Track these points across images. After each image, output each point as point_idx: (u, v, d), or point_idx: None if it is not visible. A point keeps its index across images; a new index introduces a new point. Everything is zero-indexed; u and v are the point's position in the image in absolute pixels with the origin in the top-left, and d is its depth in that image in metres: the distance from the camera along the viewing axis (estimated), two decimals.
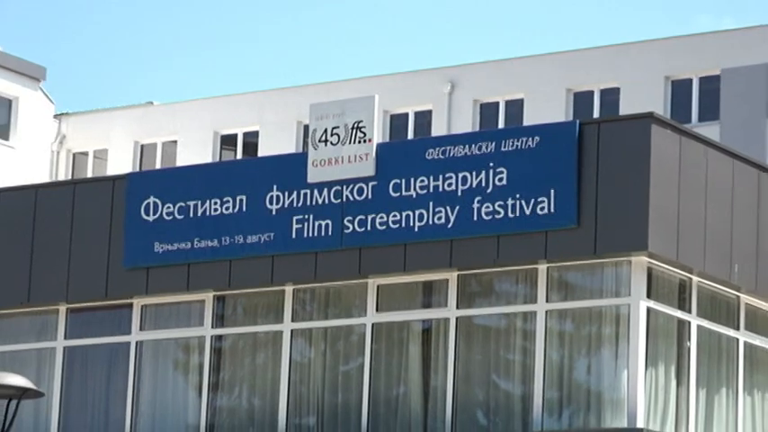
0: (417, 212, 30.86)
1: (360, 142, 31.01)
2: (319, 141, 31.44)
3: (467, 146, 31.48)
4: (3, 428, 24.14)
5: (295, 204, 31.65)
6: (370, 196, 31.11)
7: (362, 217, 31.14)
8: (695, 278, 30.31)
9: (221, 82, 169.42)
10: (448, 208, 30.36)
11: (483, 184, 30.23)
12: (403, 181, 31.00)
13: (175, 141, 77.57)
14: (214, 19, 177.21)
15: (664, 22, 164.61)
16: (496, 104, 70.54)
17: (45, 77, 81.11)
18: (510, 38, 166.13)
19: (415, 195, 30.84)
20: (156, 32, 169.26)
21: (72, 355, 33.73)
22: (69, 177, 72.22)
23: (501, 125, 65.91)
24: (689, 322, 30.38)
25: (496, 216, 30.15)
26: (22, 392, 24.43)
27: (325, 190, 31.42)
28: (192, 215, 32.54)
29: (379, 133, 31.76)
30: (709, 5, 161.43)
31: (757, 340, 32.24)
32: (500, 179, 30.13)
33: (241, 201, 32.26)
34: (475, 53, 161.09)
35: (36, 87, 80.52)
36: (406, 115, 67.69)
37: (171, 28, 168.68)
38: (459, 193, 30.47)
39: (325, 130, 31.37)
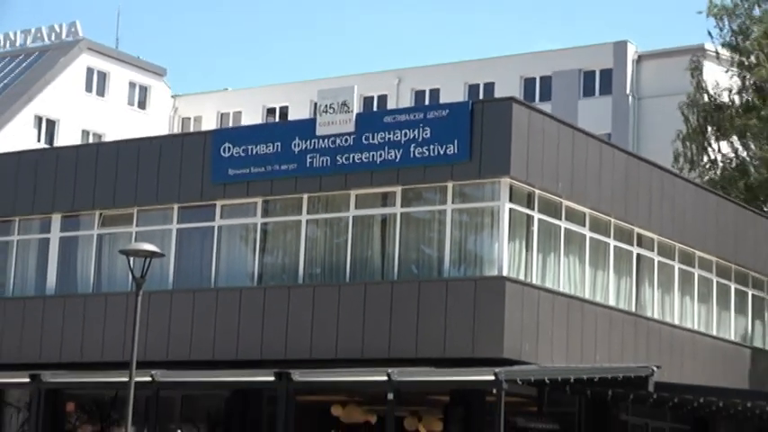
0: (379, 152, 31.37)
1: (345, 112, 31.89)
2: (323, 111, 32.39)
3: (407, 114, 32.46)
4: (142, 275, 25.47)
5: (308, 147, 32.21)
6: (351, 143, 31.67)
7: (347, 155, 31.71)
8: (537, 191, 31.07)
9: (268, 73, 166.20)
10: (396, 150, 31.13)
11: (416, 137, 30.88)
12: (370, 135, 31.54)
13: (240, 112, 77.30)
14: (261, 28, 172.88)
15: (520, 41, 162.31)
16: (424, 92, 70.39)
17: (166, 73, 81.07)
18: (431, 48, 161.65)
19: (377, 143, 31.47)
20: (228, 36, 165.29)
21: (180, 234, 34.29)
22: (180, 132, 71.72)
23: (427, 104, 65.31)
24: (533, 216, 31.19)
25: (424, 155, 30.76)
26: (151, 254, 25.89)
27: (326, 139, 31.97)
28: (249, 154, 33.09)
29: (356, 107, 32.43)
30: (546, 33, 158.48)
31: (573, 226, 32.37)
32: (426, 134, 30.84)
33: (277, 145, 32.61)
34: (412, 59, 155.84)
35: (161, 79, 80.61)
36: (372, 97, 68.06)
37: (234, 33, 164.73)
38: (402, 142, 31.10)
39: (326, 105, 32.34)
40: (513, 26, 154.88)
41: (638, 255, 35.06)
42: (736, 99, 56.87)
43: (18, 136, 68.35)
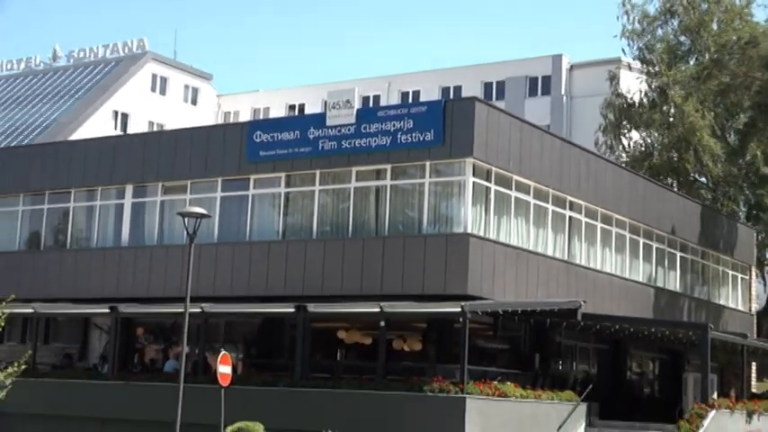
0: (374, 139, 31.11)
1: (348, 108, 31.59)
2: (331, 107, 32.19)
3: (395, 110, 32.46)
4: (194, 231, 25.08)
5: (320, 135, 31.85)
6: (352, 131, 31.33)
7: (349, 141, 31.41)
8: (493, 168, 30.83)
9: (290, 77, 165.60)
10: (386, 137, 30.87)
11: (402, 127, 30.63)
12: (367, 125, 31.25)
13: (269, 107, 76.70)
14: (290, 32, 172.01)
15: (481, 54, 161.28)
16: (408, 93, 69.80)
17: (212, 78, 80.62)
18: (413, 59, 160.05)
19: (372, 131, 31.19)
20: (260, 49, 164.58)
21: (223, 200, 33.86)
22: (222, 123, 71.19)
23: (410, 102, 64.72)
24: (490, 187, 30.93)
25: (407, 141, 30.57)
26: (201, 216, 25.80)
27: (335, 128, 31.59)
28: (275, 139, 32.75)
29: (357, 104, 32.11)
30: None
31: (520, 195, 31.80)
32: (409, 125, 30.62)
33: (296, 133, 32.21)
34: (399, 68, 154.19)
35: (208, 82, 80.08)
36: (369, 97, 67.32)
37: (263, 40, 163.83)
38: (391, 131, 30.83)
39: (334, 103, 32.12)
40: (475, 42, 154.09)
41: (570, 217, 34.81)
42: (644, 99, 56.93)
43: (99, 126, 68.28)
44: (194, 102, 78.84)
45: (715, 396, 33.09)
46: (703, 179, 54.83)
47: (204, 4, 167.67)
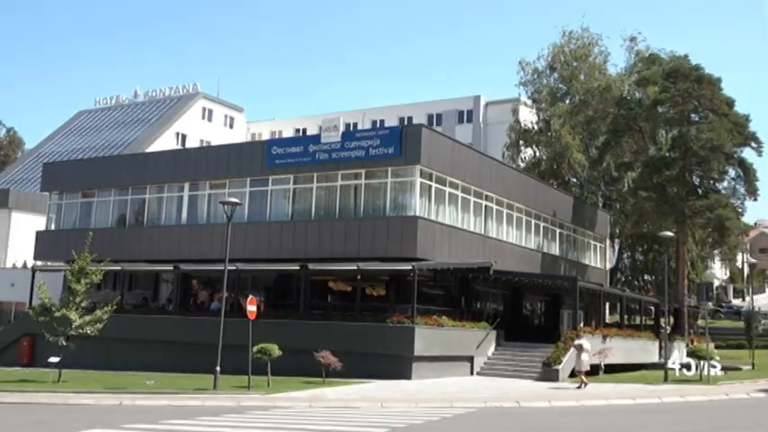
0: (353, 152, 30.84)
1: (335, 131, 31.37)
2: (324, 130, 31.83)
3: (367, 132, 32.07)
4: (231, 215, 24.50)
5: (317, 149, 31.45)
6: (339, 147, 31.09)
7: (337, 153, 31.15)
8: (434, 172, 30.74)
9: (297, 109, 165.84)
10: (362, 150, 30.66)
11: (372, 144, 30.48)
12: (348, 143, 31.06)
13: (282, 130, 75.50)
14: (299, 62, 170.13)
15: (426, 94, 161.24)
16: (377, 121, 68.82)
17: (243, 110, 79.62)
18: (380, 98, 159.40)
19: (352, 146, 30.96)
20: (277, 90, 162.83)
21: (251, 194, 33.09)
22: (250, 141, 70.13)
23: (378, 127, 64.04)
24: (432, 185, 30.84)
25: (376, 153, 30.29)
26: (235, 204, 24.87)
27: (326, 145, 31.26)
28: (286, 152, 32.26)
29: (341, 128, 31.72)
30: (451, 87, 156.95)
31: (452, 191, 31.82)
32: (377, 143, 30.47)
33: (300, 148, 31.98)
34: (370, 103, 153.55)
35: (241, 113, 79.19)
36: (350, 123, 66.15)
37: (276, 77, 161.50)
38: (365, 146, 30.65)
39: (326, 127, 31.78)
40: (423, 87, 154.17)
41: (485, 205, 34.68)
42: (535, 126, 57.01)
43: (166, 143, 67.59)
44: (231, 126, 77.74)
45: (582, 325, 33.20)
46: (574, 180, 54.97)
47: (239, 61, 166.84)
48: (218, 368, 22.55)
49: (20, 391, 21.17)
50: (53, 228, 39.64)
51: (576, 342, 27.05)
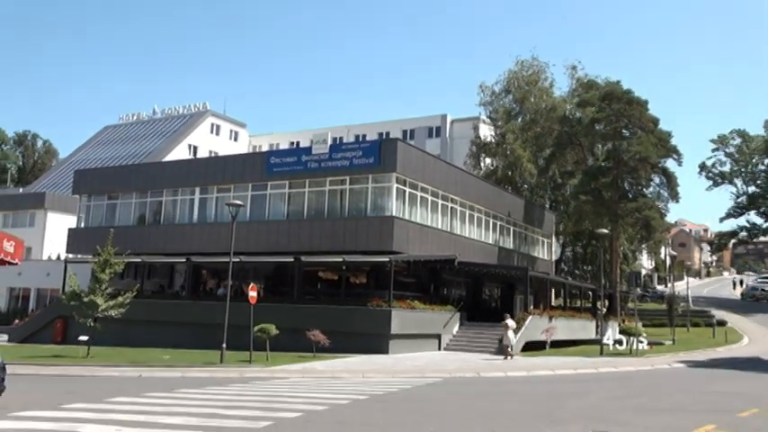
0: (340, 162, 30.66)
1: (324, 144, 31.13)
2: (315, 143, 31.57)
3: (352, 146, 31.83)
4: (235, 215, 24.34)
5: (309, 159, 31.24)
6: (327, 157, 30.90)
7: (325, 162, 30.95)
8: (408, 179, 30.61)
9: (292, 125, 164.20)
10: (347, 161, 30.51)
11: (356, 155, 30.37)
12: (335, 154, 30.86)
13: (279, 143, 74.86)
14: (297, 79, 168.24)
15: (402, 112, 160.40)
16: (359, 135, 68.12)
17: (246, 125, 78.76)
18: (362, 115, 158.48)
19: (339, 157, 30.79)
20: (275, 108, 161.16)
21: (252, 197, 32.64)
22: (252, 152, 69.57)
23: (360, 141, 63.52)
24: (406, 190, 30.62)
25: (359, 163, 30.12)
26: (239, 205, 24.68)
27: (317, 155, 31.06)
28: (283, 161, 31.97)
29: (329, 141, 31.39)
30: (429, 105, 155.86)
31: (423, 194, 31.69)
32: (360, 154, 30.38)
33: (295, 158, 31.74)
34: (354, 120, 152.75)
35: (244, 128, 78.10)
36: (336, 137, 65.46)
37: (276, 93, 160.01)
38: (349, 156, 30.52)
39: (317, 140, 31.52)
40: (399, 106, 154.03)
41: (451, 207, 34.60)
42: (492, 140, 57.11)
43: (180, 153, 66.71)
44: (236, 139, 76.52)
45: (531, 307, 33.25)
46: (525, 186, 55.12)
47: (243, 84, 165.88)
48: (224, 345, 22.42)
49: (54, 365, 21.03)
50: (83, 226, 39.09)
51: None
